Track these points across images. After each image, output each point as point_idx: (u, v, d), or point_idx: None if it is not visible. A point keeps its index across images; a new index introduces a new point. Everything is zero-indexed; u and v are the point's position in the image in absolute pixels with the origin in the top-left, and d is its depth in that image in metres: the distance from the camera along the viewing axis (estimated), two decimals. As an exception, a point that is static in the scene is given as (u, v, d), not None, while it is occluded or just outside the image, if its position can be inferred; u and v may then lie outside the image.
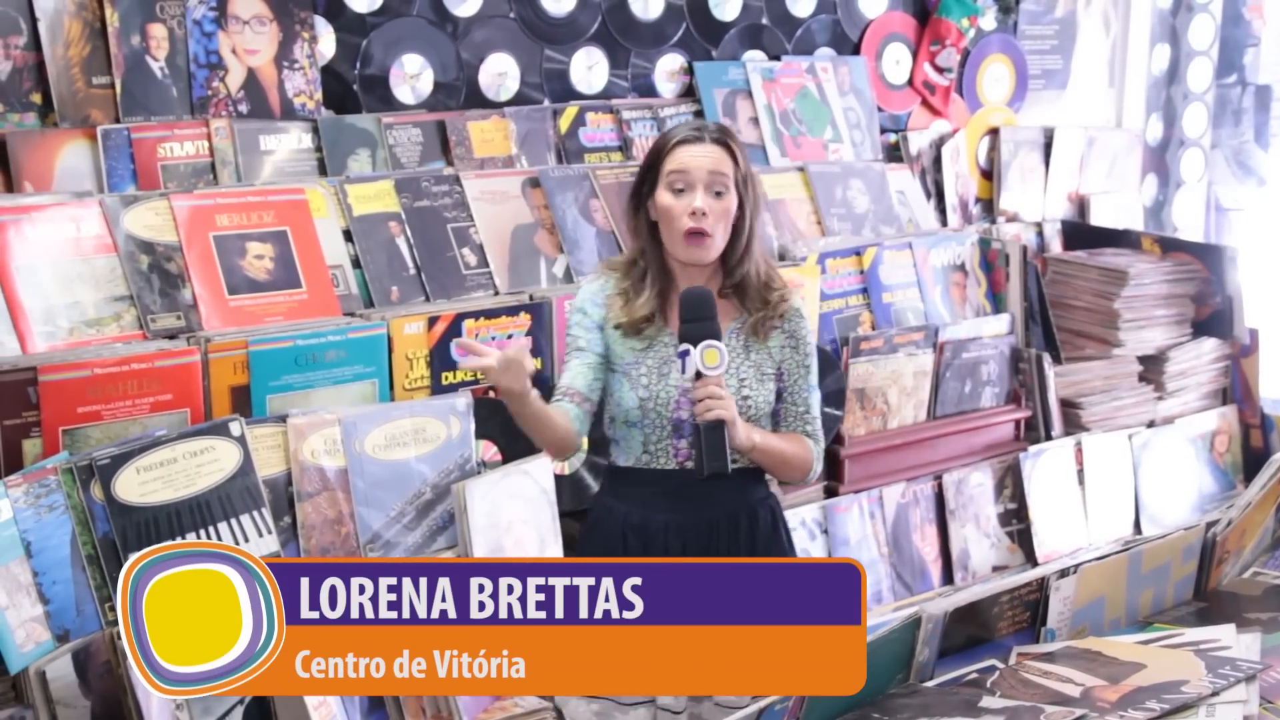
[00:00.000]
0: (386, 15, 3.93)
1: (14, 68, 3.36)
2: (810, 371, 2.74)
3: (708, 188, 2.59)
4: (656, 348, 2.67)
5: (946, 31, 4.91)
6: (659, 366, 2.65)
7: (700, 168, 2.58)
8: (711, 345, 2.49)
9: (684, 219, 2.58)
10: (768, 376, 2.68)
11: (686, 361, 2.50)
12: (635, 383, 2.65)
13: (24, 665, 2.65)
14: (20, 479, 2.72)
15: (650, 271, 2.67)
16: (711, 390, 2.49)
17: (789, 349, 2.71)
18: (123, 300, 3.18)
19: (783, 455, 2.68)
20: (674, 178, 2.59)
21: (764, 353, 2.68)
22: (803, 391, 2.73)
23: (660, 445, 2.66)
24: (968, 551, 4.13)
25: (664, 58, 4.44)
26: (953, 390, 4.19)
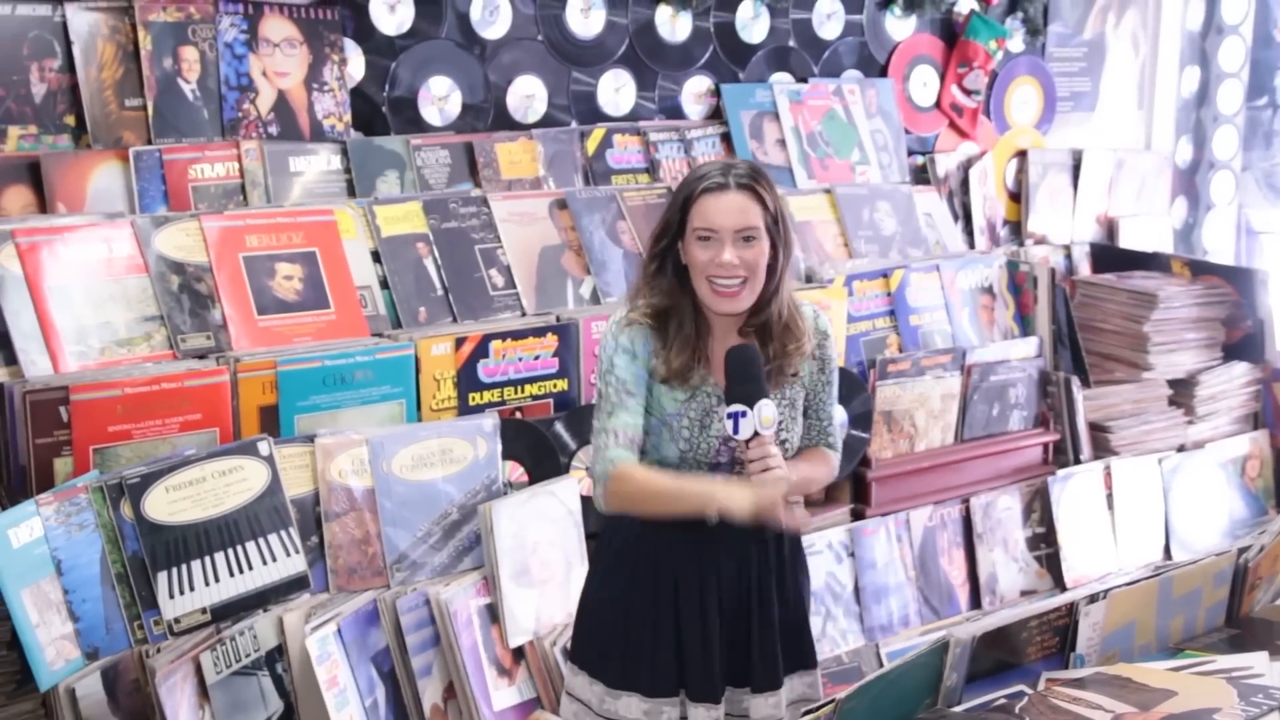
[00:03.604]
0: (415, 38, 3.95)
1: (48, 90, 3.39)
2: (833, 385, 2.73)
3: (736, 239, 2.49)
4: (699, 398, 2.57)
5: (974, 54, 4.91)
6: (701, 418, 2.57)
7: (728, 224, 2.48)
8: (768, 405, 2.44)
9: (712, 270, 2.50)
10: (799, 408, 2.67)
11: (741, 423, 2.42)
12: (676, 435, 2.57)
13: (54, 683, 2.66)
14: (51, 497, 2.74)
15: (684, 320, 2.57)
16: (767, 450, 2.44)
17: (816, 372, 2.69)
18: (153, 320, 3.20)
19: (813, 479, 2.72)
20: (702, 230, 2.50)
21: (795, 385, 2.65)
22: (826, 406, 2.72)
23: None
24: (995, 575, 4.10)
25: (691, 80, 4.46)
26: (980, 413, 4.18)
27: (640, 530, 2.61)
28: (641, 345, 2.58)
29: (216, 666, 2.82)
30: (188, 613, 2.85)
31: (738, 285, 2.51)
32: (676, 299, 2.58)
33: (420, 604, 3.12)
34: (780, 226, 2.54)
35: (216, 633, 2.86)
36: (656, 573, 2.61)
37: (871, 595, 3.87)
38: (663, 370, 2.56)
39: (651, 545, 2.61)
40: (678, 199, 2.56)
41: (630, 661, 2.62)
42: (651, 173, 4.24)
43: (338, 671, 2.93)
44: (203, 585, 2.87)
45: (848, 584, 3.84)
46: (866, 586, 3.86)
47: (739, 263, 2.49)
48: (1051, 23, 5.20)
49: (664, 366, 2.56)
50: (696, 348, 2.57)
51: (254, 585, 2.94)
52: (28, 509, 2.70)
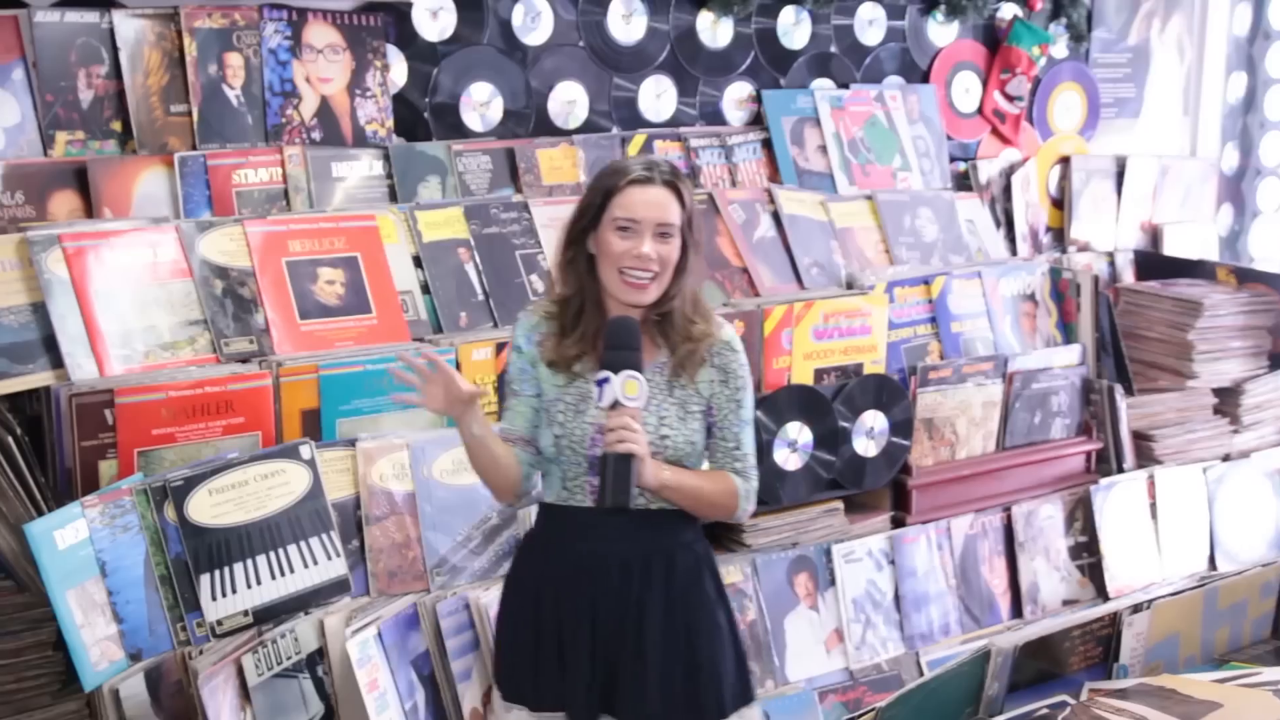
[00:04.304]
0: (457, 44, 3.97)
1: (95, 96, 3.42)
2: (742, 407, 2.62)
3: (655, 233, 2.49)
4: (577, 383, 2.56)
5: (1017, 60, 4.88)
6: (576, 403, 2.55)
7: (650, 216, 2.48)
8: (633, 376, 2.42)
9: (627, 261, 2.48)
10: (693, 415, 2.58)
11: (605, 389, 2.42)
12: (553, 419, 2.56)
13: (98, 683, 2.68)
14: (96, 499, 2.76)
15: (586, 308, 2.57)
16: (625, 421, 2.41)
17: (719, 384, 2.60)
18: (197, 324, 3.22)
19: (698, 494, 2.57)
20: (622, 221, 2.49)
21: (690, 390, 2.58)
22: (733, 427, 2.62)
23: (576, 482, 2.56)
24: (1037, 585, 4.07)
25: (732, 86, 4.45)
26: (1022, 421, 4.15)
27: (532, 538, 2.66)
28: (525, 337, 2.61)
29: (258, 669, 2.84)
30: (230, 615, 2.87)
31: (648, 279, 2.50)
32: (582, 288, 2.58)
33: (460, 608, 3.13)
34: (692, 229, 2.55)
35: (258, 635, 2.88)
36: (539, 582, 2.59)
37: (912, 603, 3.85)
38: (550, 355, 2.57)
39: (539, 553, 2.62)
40: (599, 188, 2.55)
41: (517, 673, 2.61)
42: (692, 178, 4.23)
43: (378, 675, 2.94)
44: (245, 588, 2.89)
45: (888, 592, 3.82)
46: (907, 594, 3.84)
47: (655, 256, 2.48)
48: (1096, 28, 5.17)
49: (553, 352, 2.57)
50: (594, 338, 2.55)
51: (295, 588, 2.96)
52: (73, 511, 2.73)
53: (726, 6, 4.32)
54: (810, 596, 3.70)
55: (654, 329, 2.58)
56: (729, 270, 3.98)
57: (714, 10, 4.35)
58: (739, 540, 3.68)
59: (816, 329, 3.83)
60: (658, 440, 2.52)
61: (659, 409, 2.55)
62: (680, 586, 2.57)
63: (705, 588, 2.62)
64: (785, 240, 4.11)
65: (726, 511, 2.63)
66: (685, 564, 2.59)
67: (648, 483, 2.46)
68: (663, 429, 2.54)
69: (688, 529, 2.63)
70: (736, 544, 3.68)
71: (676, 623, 2.55)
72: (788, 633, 3.65)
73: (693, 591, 2.59)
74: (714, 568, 2.67)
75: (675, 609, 2.55)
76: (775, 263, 4.07)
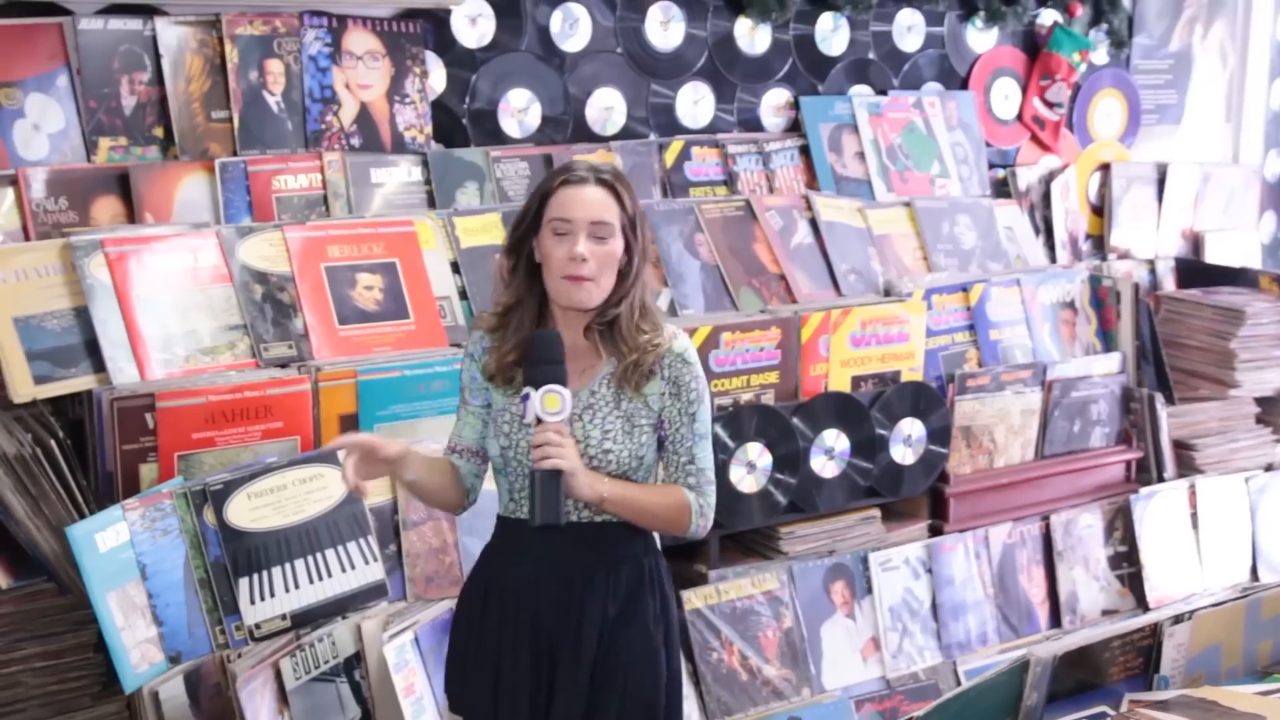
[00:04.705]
0: (496, 50, 3.98)
1: (138, 103, 3.45)
2: (696, 420, 2.50)
3: (590, 233, 2.40)
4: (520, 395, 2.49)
5: (1057, 66, 4.86)
6: (521, 415, 2.46)
7: (584, 216, 2.40)
8: (552, 390, 2.34)
9: (565, 263, 2.41)
10: (641, 429, 2.47)
11: (527, 406, 2.37)
12: (499, 430, 2.50)
13: (138, 685, 2.70)
14: (137, 503, 2.78)
15: (526, 316, 2.49)
16: (549, 437, 2.33)
17: (670, 396, 2.48)
18: (237, 329, 3.24)
19: (641, 508, 2.45)
20: (557, 222, 2.42)
21: (638, 402, 2.46)
22: (685, 441, 2.49)
23: (522, 494, 2.49)
24: (1076, 594, 4.04)
25: (770, 92, 4.45)
26: (1061, 429, 4.12)
27: (487, 548, 2.60)
28: (478, 346, 2.56)
29: (296, 672, 2.85)
30: (268, 619, 2.88)
31: (586, 279, 2.41)
32: (525, 296, 2.50)
33: (496, 614, 3.12)
34: (637, 233, 2.47)
35: (296, 639, 2.89)
36: (486, 594, 2.54)
37: (949, 612, 3.83)
38: (493, 366, 2.51)
39: (490, 563, 2.57)
40: (537, 192, 2.49)
41: (462, 685, 2.57)
42: (730, 185, 4.23)
43: (415, 679, 2.95)
44: (283, 591, 2.90)
45: (925, 600, 3.80)
46: (944, 603, 3.82)
47: (589, 257, 2.39)
48: (1136, 34, 5.13)
49: (495, 363, 2.51)
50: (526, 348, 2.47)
51: (333, 592, 2.97)
52: (114, 514, 2.75)
53: (765, 13, 4.31)
54: (847, 604, 3.69)
55: (600, 338, 2.48)
56: (766, 277, 3.98)
57: (752, 17, 4.34)
58: (775, 548, 3.67)
59: (854, 336, 3.81)
60: (600, 454, 2.43)
61: (603, 421, 2.45)
62: (624, 599, 2.47)
63: (646, 608, 2.50)
64: (823, 247, 4.10)
65: (678, 527, 2.50)
66: (629, 580, 2.49)
67: (584, 495, 2.38)
68: (606, 442, 2.44)
69: (635, 542, 2.52)
70: (773, 551, 3.67)
71: (612, 645, 2.45)
72: (824, 641, 3.64)
73: (637, 604, 2.49)
74: (662, 585, 2.55)
75: (612, 630, 2.46)
76: (812, 269, 4.07)
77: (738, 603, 3.51)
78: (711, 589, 3.49)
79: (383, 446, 2.41)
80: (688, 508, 2.49)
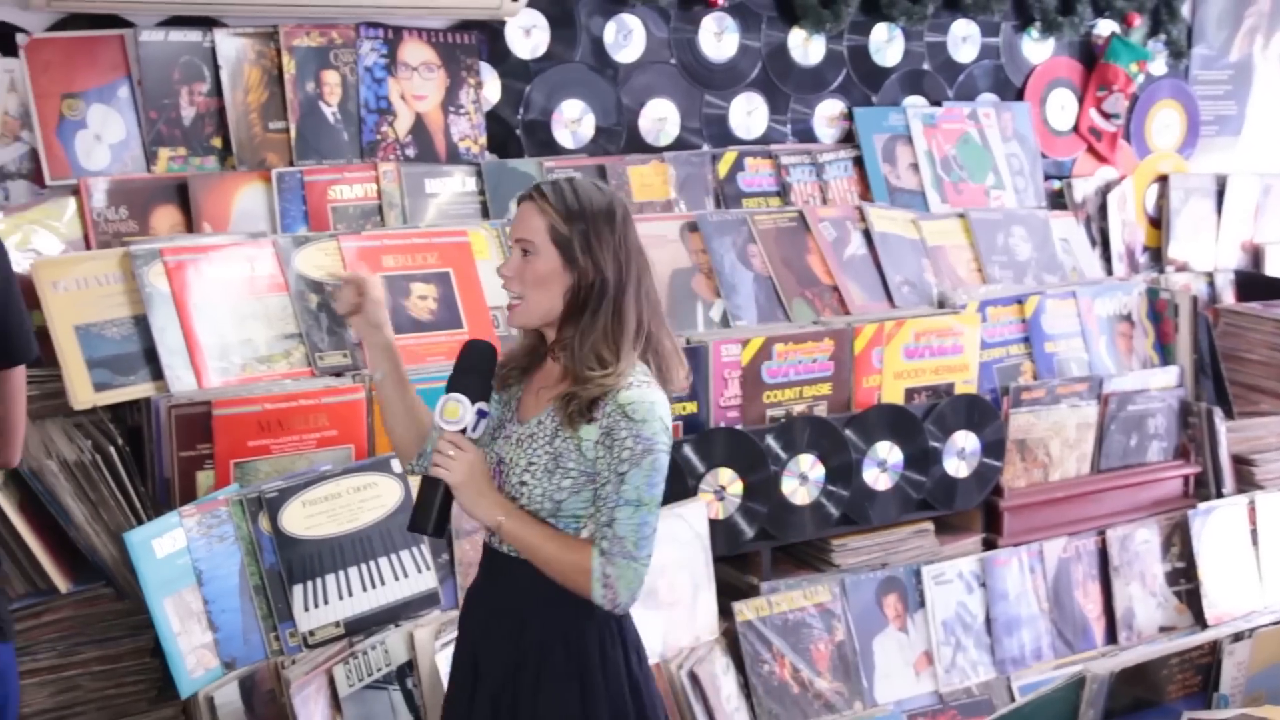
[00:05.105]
0: (550, 61, 4.00)
1: (197, 114, 3.49)
2: (624, 483, 2.22)
3: (517, 249, 2.31)
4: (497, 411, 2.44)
5: (1114, 77, 4.81)
6: (494, 429, 2.41)
7: (514, 233, 2.33)
8: (453, 399, 2.27)
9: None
10: (566, 472, 2.26)
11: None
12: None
13: (193, 691, 2.73)
14: (194, 509, 2.81)
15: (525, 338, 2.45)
16: (441, 446, 2.27)
17: (603, 448, 2.24)
18: (292, 338, 3.27)
19: (535, 551, 2.27)
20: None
21: (570, 443, 2.26)
22: (609, 501, 2.23)
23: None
24: (1133, 610, 3.99)
25: (824, 103, 4.44)
26: (1118, 443, 4.08)
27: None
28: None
29: (349, 679, 2.86)
30: (322, 626, 2.90)
31: (514, 299, 2.33)
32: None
33: (548, 623, 3.13)
34: (585, 253, 2.26)
35: (349, 646, 2.90)
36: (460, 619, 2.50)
37: (1003, 627, 3.79)
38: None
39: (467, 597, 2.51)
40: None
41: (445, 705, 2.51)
42: (783, 196, 4.22)
43: (466, 688, 2.95)
44: (336, 599, 2.92)
45: (978, 614, 3.77)
46: (998, 618, 3.78)
47: (512, 273, 2.31)
48: (1196, 45, 5.08)
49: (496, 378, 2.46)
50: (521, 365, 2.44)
51: (386, 600, 2.98)
52: (171, 520, 2.77)
53: (819, 24, 4.31)
54: (899, 618, 3.66)
55: (558, 363, 2.35)
56: (819, 288, 3.96)
57: (806, 28, 4.34)
58: (827, 560, 3.65)
59: (907, 348, 3.79)
60: (517, 485, 2.29)
61: (532, 453, 2.29)
62: (529, 649, 2.32)
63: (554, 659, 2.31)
64: (876, 258, 4.09)
65: (575, 587, 2.25)
66: (541, 625, 2.31)
67: (479, 517, 2.28)
68: (525, 474, 2.29)
69: (560, 592, 2.29)
70: (825, 563, 3.65)
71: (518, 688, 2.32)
72: (876, 654, 3.61)
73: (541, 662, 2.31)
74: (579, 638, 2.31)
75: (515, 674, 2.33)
76: (866, 281, 4.05)
77: (789, 615, 3.50)
78: (763, 601, 3.48)
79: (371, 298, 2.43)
80: (587, 572, 2.23)
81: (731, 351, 3.57)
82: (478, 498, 2.28)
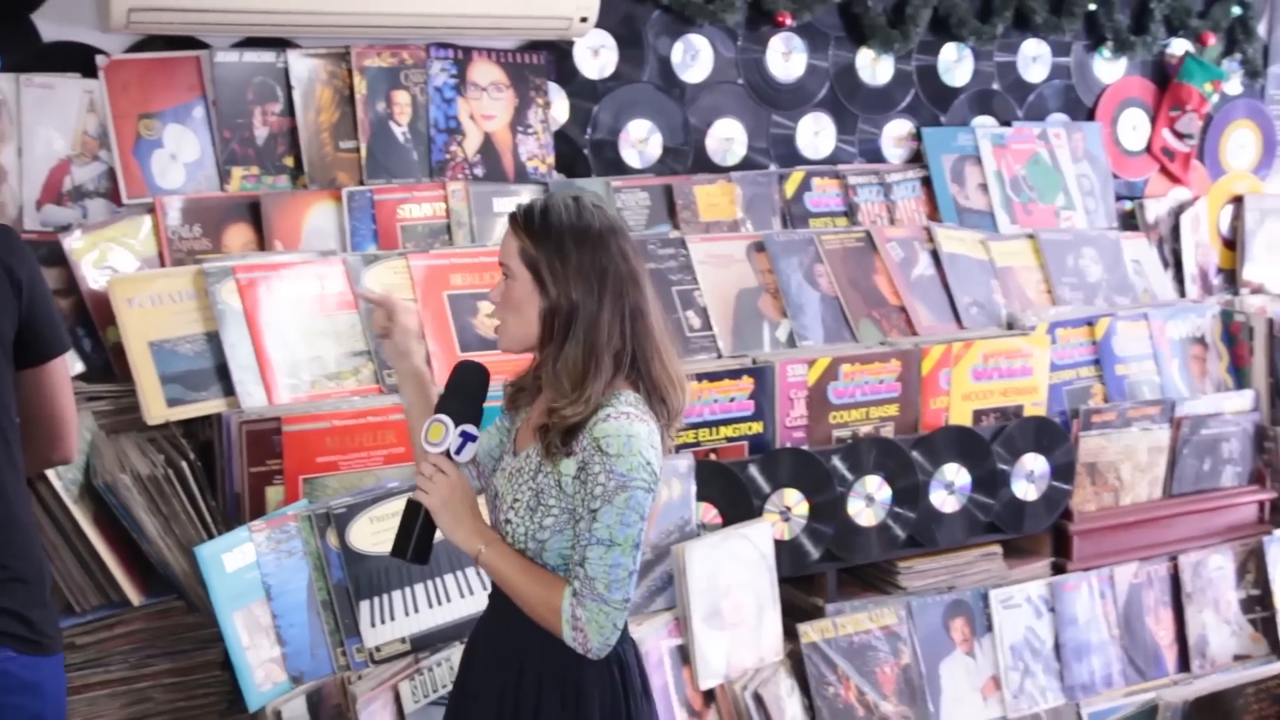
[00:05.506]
0: (617, 81, 4.01)
1: (270, 133, 3.54)
2: (596, 520, 2.12)
3: (499, 272, 2.27)
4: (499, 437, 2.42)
5: (1188, 96, 4.75)
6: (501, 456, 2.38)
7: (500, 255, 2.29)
8: (438, 420, 2.23)
9: None
10: (547, 510, 2.18)
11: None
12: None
13: (261, 704, 2.75)
14: (264, 524, 2.83)
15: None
16: (423, 468, 2.23)
17: (578, 483, 2.15)
18: (361, 355, 3.30)
19: (510, 585, 2.20)
20: None
21: (551, 479, 2.18)
22: (582, 539, 2.13)
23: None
24: (1206, 638, 3.92)
25: (891, 123, 4.42)
26: (1190, 468, 4.01)
27: None
28: None
29: (415, 696, 2.87)
30: (388, 642, 2.91)
31: (497, 316, 2.30)
32: None
33: (612, 642, 3.12)
34: (552, 274, 2.18)
35: (415, 662, 2.91)
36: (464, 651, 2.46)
37: (1073, 652, 3.74)
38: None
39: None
40: None
41: None
42: (850, 216, 4.21)
43: (530, 706, 2.95)
44: (403, 615, 2.93)
45: (1047, 640, 3.72)
46: (1067, 643, 3.73)
47: (495, 298, 2.28)
48: (1272, 64, 5.00)
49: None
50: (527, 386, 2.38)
51: (451, 617, 2.99)
52: (241, 535, 2.80)
53: (887, 44, 4.29)
54: (967, 642, 3.62)
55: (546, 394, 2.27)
56: (886, 309, 3.94)
57: (874, 47, 4.32)
58: (893, 582, 3.62)
59: (975, 369, 3.76)
60: (503, 522, 2.23)
61: (517, 489, 2.23)
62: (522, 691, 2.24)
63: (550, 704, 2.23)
64: (944, 279, 4.06)
65: (549, 627, 2.17)
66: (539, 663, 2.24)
67: (459, 544, 2.22)
68: (509, 513, 2.22)
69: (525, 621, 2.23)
70: (891, 585, 3.62)
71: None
72: (943, 678, 3.58)
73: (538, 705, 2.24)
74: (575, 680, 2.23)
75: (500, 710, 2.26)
76: (933, 301, 4.02)
77: (855, 637, 3.47)
78: (828, 622, 3.45)
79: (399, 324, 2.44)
80: (557, 612, 2.14)
81: (798, 372, 3.56)
82: (455, 524, 2.21)
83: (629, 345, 2.20)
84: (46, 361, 2.41)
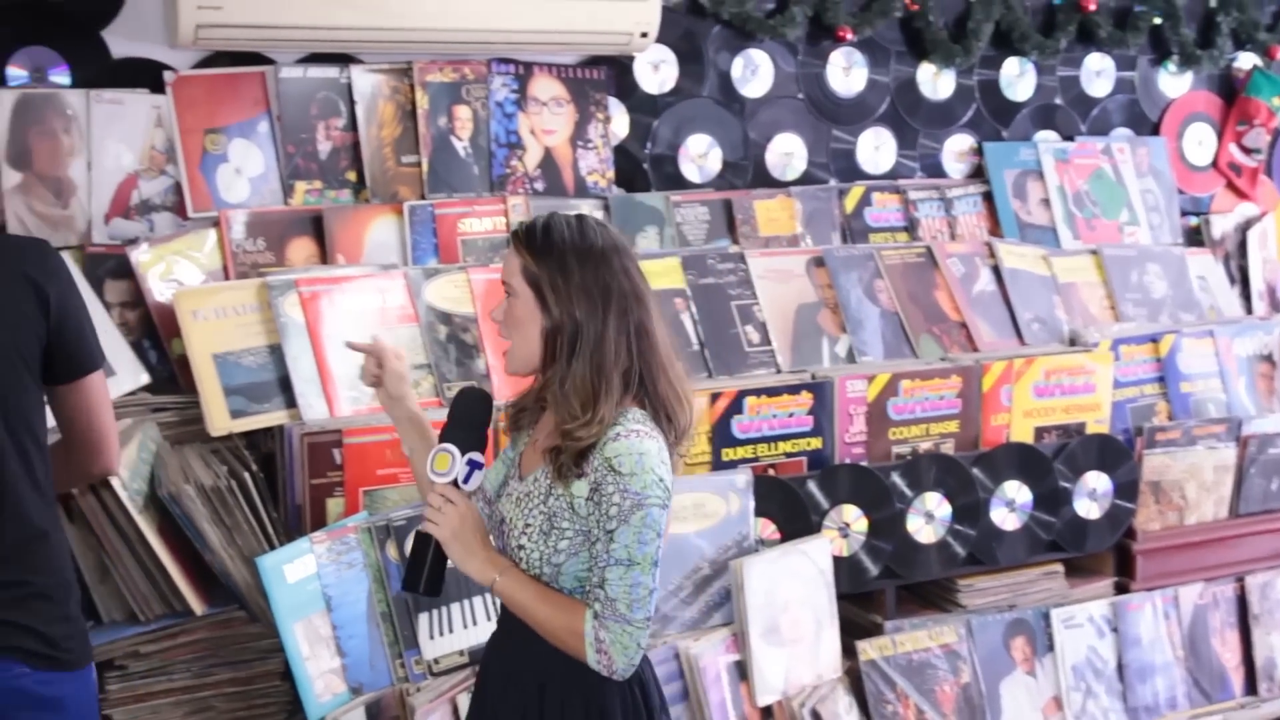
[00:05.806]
0: (677, 96, 4.02)
1: (333, 148, 3.57)
2: (614, 541, 2.11)
3: (503, 291, 2.26)
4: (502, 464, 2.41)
5: (1256, 111, 4.69)
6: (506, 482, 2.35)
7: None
8: (444, 449, 2.21)
9: None
10: (561, 533, 2.16)
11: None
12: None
13: (321, 715, 2.76)
14: (324, 536, 2.85)
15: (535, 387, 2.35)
16: (432, 499, 2.20)
17: (591, 504, 2.14)
18: (421, 368, 3.32)
19: (528, 615, 2.19)
20: None
21: (563, 502, 2.16)
22: (600, 560, 2.13)
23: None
24: (1274, 660, 3.85)
25: (952, 138, 4.39)
26: (1258, 487, 3.95)
27: None
28: None
29: (472, 708, 2.88)
30: (446, 654, 2.92)
31: (501, 336, 2.28)
32: None
33: (670, 658, 3.12)
34: (554, 293, 2.17)
35: (473, 675, 2.92)
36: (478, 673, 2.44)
37: (1136, 673, 3.69)
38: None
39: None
40: None
41: None
42: (911, 231, 4.18)
43: None
44: (461, 628, 2.94)
45: (1110, 660, 3.67)
46: (1130, 664, 3.68)
47: (499, 317, 2.27)
48: (1342, 77, 4.93)
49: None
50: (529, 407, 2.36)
51: (509, 630, 2.99)
52: (302, 546, 2.82)
53: (949, 58, 4.27)
54: (1027, 661, 3.58)
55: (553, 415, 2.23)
56: (946, 324, 3.91)
57: (936, 62, 4.30)
58: (953, 600, 3.59)
59: (1037, 386, 3.73)
60: (516, 548, 2.21)
61: (528, 514, 2.21)
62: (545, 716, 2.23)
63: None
64: (1005, 295, 4.02)
65: (571, 652, 2.16)
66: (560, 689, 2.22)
67: (472, 574, 2.20)
68: (521, 538, 2.20)
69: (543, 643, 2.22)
70: (951, 603, 3.59)
71: None
72: (1003, 698, 3.54)
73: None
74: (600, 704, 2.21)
75: None
76: (994, 317, 3.98)
77: (914, 655, 3.44)
78: (887, 640, 3.42)
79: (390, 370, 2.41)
80: (580, 635, 2.14)
81: (857, 387, 3.54)
82: (467, 555, 2.19)
83: (636, 363, 2.19)
84: (79, 379, 2.38)
